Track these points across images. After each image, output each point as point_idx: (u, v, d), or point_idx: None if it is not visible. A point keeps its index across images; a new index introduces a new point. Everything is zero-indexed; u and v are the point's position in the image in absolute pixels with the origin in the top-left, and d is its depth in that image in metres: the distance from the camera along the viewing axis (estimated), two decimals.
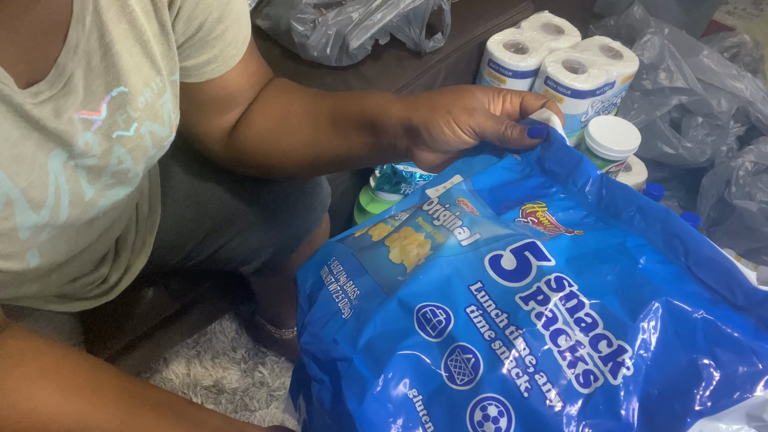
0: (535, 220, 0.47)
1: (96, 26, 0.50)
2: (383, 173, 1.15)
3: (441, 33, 1.18)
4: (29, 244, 0.53)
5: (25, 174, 0.49)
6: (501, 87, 0.55)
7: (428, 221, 0.48)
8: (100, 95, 0.52)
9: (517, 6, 1.36)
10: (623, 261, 0.41)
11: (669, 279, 0.40)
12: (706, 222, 1.40)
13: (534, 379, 0.38)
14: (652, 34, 1.40)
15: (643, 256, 0.41)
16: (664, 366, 0.37)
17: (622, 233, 0.43)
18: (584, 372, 0.37)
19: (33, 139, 0.49)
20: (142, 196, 0.77)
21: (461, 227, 0.45)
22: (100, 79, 0.51)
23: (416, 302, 0.42)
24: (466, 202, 0.49)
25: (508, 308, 0.40)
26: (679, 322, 0.38)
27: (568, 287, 0.40)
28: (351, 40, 1.07)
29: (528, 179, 0.51)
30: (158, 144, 0.60)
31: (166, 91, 0.58)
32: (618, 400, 0.36)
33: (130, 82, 0.53)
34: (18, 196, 0.49)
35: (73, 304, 0.74)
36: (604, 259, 0.42)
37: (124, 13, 0.51)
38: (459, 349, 0.40)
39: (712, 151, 1.38)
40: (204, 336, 1.24)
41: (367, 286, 0.46)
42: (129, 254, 0.77)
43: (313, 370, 0.44)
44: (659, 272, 0.41)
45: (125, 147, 0.56)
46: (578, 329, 0.38)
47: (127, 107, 0.54)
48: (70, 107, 0.50)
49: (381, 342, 0.42)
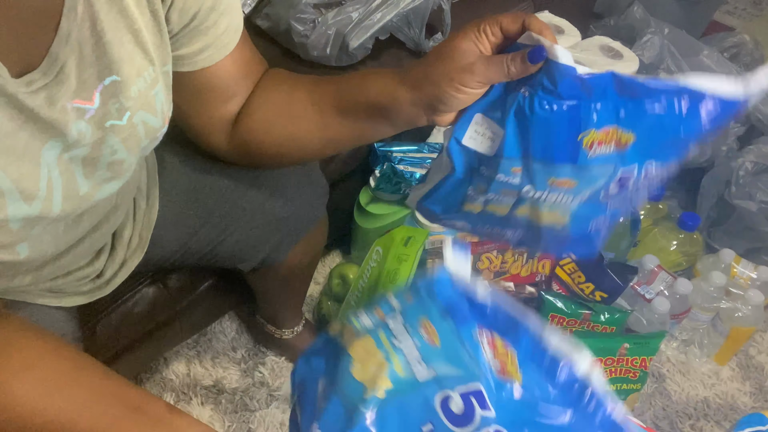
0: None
1: (88, 15, 0.50)
2: (383, 173, 1.15)
3: (441, 33, 1.18)
4: (21, 236, 0.53)
5: (16, 165, 0.49)
6: (473, 22, 0.56)
7: (389, 338, 0.50)
8: (93, 84, 0.52)
9: (517, 6, 1.36)
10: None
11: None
12: (706, 222, 1.40)
13: None
14: (652, 34, 1.40)
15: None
16: None
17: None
18: None
19: (27, 130, 0.49)
20: (140, 191, 0.77)
21: (419, 362, 0.47)
22: (92, 68, 0.52)
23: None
24: (428, 325, 0.49)
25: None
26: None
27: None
28: (351, 40, 1.07)
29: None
30: (151, 135, 0.60)
31: (158, 81, 0.58)
32: None
33: (122, 71, 0.53)
34: (9, 187, 0.49)
35: (67, 299, 0.74)
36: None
37: (115, 3, 0.51)
38: None
39: (712, 151, 1.38)
40: (204, 336, 1.24)
41: (334, 410, 0.48)
42: (125, 249, 0.77)
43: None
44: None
45: (118, 136, 0.56)
46: None
47: (120, 96, 0.54)
48: (63, 96, 0.50)
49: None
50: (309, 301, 1.31)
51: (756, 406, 1.23)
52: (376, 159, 1.18)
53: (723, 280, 1.18)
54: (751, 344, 1.31)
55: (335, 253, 1.41)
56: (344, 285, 1.20)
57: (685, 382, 1.25)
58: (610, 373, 1.07)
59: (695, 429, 1.19)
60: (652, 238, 1.32)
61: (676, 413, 1.20)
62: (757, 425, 0.81)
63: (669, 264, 1.29)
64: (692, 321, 1.23)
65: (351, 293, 1.09)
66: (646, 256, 1.22)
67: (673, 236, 1.30)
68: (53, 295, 0.72)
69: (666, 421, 1.19)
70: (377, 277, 1.05)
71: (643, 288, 1.18)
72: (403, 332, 0.49)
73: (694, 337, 1.27)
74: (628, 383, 1.09)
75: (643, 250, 1.31)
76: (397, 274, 1.02)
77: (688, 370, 1.27)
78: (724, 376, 1.26)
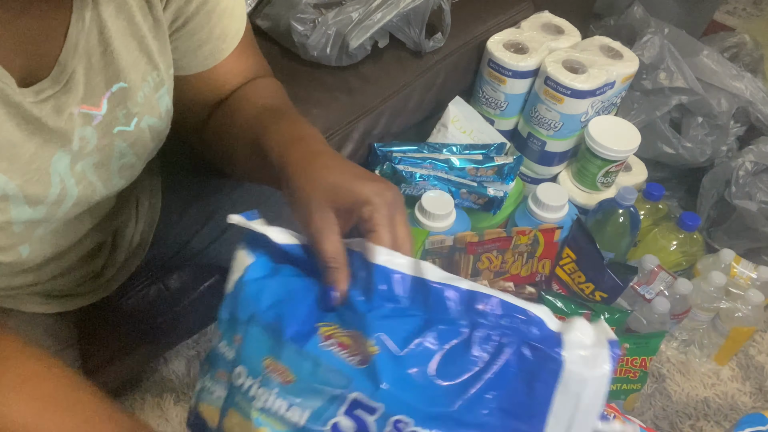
0: (337, 343, 0.45)
1: (95, 23, 0.50)
2: (383, 173, 1.15)
3: (441, 33, 1.18)
4: (23, 238, 0.54)
5: (21, 172, 0.49)
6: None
7: (248, 403, 0.45)
8: (101, 91, 0.53)
9: (517, 6, 1.36)
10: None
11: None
12: (706, 222, 1.40)
13: None
14: (652, 34, 1.39)
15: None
16: None
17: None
18: None
19: (34, 140, 0.49)
20: (143, 188, 0.77)
21: (289, 408, 0.44)
22: (100, 76, 0.52)
23: None
24: (273, 362, 0.46)
25: None
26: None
27: (408, 429, 0.41)
28: (351, 40, 1.07)
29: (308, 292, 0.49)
30: (157, 138, 0.60)
31: (163, 84, 0.58)
32: None
33: (129, 78, 0.54)
34: (15, 192, 0.49)
35: (68, 301, 0.74)
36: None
37: (122, 10, 0.51)
38: None
39: (712, 151, 1.38)
40: (204, 336, 1.24)
41: None
42: (127, 248, 0.77)
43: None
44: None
45: (126, 142, 0.56)
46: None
47: (128, 102, 0.55)
48: (71, 104, 0.50)
49: None
50: None
51: (756, 406, 1.23)
52: (376, 159, 1.18)
53: (723, 280, 1.17)
54: (751, 344, 1.31)
55: None
56: None
57: (685, 382, 1.25)
58: None
59: (695, 429, 1.19)
60: (652, 238, 1.32)
61: (676, 413, 1.20)
62: (757, 425, 0.81)
63: (669, 264, 1.29)
64: (692, 321, 1.23)
65: None
66: (646, 256, 1.22)
67: (673, 236, 1.30)
68: (53, 299, 0.72)
69: (666, 421, 1.19)
70: None
71: (643, 288, 1.18)
72: (256, 388, 0.45)
73: (694, 337, 1.27)
74: (628, 383, 1.09)
75: (643, 250, 1.31)
76: None
77: (688, 370, 1.27)
78: (724, 376, 1.26)
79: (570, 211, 1.22)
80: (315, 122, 1.03)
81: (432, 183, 1.17)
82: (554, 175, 1.37)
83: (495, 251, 1.12)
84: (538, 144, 1.31)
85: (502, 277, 1.15)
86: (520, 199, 1.31)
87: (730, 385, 1.25)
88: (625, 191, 1.18)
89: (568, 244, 1.16)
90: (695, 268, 1.30)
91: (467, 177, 1.21)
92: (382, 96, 1.14)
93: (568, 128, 1.26)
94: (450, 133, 1.28)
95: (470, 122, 1.29)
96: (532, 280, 1.17)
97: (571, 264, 1.15)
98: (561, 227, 1.16)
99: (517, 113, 1.33)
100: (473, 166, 1.21)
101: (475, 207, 1.22)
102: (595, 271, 1.12)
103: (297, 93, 1.08)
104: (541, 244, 1.14)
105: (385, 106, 1.14)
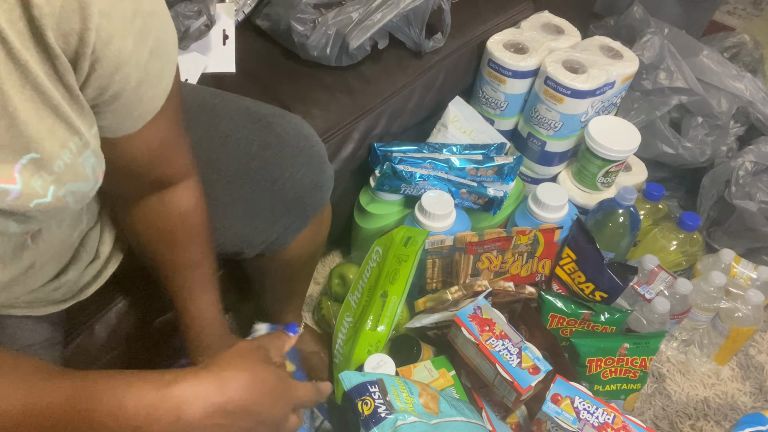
0: None
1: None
2: (383, 173, 1.15)
3: (441, 33, 1.18)
4: None
5: None
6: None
7: None
8: (10, 164, 0.50)
9: (517, 6, 1.36)
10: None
11: None
12: (706, 222, 1.40)
13: None
14: (652, 34, 1.40)
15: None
16: None
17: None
18: None
19: None
20: (95, 214, 0.76)
21: None
22: (7, 150, 0.50)
23: None
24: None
25: None
26: None
27: None
28: (351, 40, 1.07)
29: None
30: (82, 200, 0.58)
31: (87, 147, 0.56)
32: None
33: (42, 148, 0.52)
34: None
35: (42, 308, 0.74)
36: None
37: (28, 80, 0.49)
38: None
39: (712, 151, 1.38)
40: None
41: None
42: (100, 259, 0.77)
43: None
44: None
45: (44, 212, 0.55)
46: None
47: (42, 172, 0.53)
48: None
49: None
50: (309, 301, 1.31)
51: (756, 406, 1.23)
52: (376, 159, 1.18)
53: (723, 280, 1.18)
54: (751, 344, 1.31)
55: (335, 253, 1.41)
56: (344, 285, 1.20)
57: (685, 382, 1.25)
58: (610, 373, 1.07)
59: (695, 429, 1.19)
60: (652, 238, 1.32)
61: (676, 413, 1.20)
62: (757, 425, 0.81)
63: (669, 264, 1.29)
64: (692, 321, 1.23)
65: (351, 293, 1.09)
66: (646, 256, 1.22)
67: (673, 236, 1.30)
68: (28, 305, 0.72)
69: (666, 421, 1.19)
70: (377, 277, 1.05)
71: (643, 288, 1.18)
72: None
73: (694, 337, 1.27)
74: (628, 383, 1.09)
75: (643, 250, 1.31)
76: (397, 274, 1.02)
77: (688, 370, 1.27)
78: (724, 376, 1.26)
79: (570, 211, 1.22)
80: (315, 122, 1.03)
81: (432, 183, 1.17)
82: (554, 175, 1.37)
83: (495, 251, 1.12)
84: (538, 144, 1.31)
85: (502, 277, 1.15)
86: (520, 199, 1.31)
87: (730, 385, 1.25)
88: (625, 191, 1.18)
89: (568, 244, 1.16)
90: (695, 268, 1.30)
91: (467, 177, 1.21)
92: (382, 96, 1.14)
93: (568, 128, 1.27)
94: (450, 133, 1.28)
95: (470, 122, 1.29)
96: (532, 280, 1.17)
97: (571, 264, 1.15)
98: (561, 227, 1.16)
99: (517, 113, 1.33)
100: (473, 166, 1.21)
101: (475, 207, 1.22)
102: (595, 271, 1.12)
103: (297, 93, 1.09)
104: (541, 244, 1.14)
105: (385, 106, 1.14)
